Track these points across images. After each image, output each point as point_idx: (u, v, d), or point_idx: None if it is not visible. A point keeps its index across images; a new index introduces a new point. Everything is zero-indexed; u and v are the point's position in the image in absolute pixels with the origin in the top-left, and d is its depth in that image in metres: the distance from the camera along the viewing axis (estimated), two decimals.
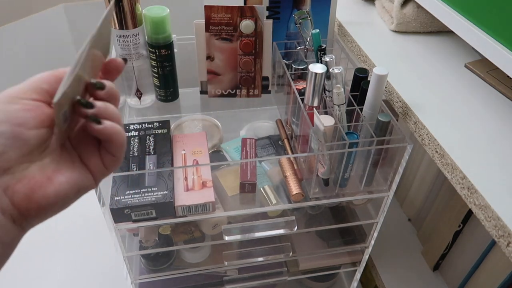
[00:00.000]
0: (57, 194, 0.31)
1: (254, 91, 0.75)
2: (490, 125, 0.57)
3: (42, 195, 0.31)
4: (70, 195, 0.32)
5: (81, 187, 0.33)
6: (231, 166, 0.71)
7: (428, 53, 0.71)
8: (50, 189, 0.31)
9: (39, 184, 0.31)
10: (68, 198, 0.32)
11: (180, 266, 0.78)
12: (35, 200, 0.30)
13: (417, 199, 0.94)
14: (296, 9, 0.71)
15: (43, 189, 0.31)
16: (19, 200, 0.30)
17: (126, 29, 0.65)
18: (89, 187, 0.34)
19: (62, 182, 0.32)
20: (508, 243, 0.44)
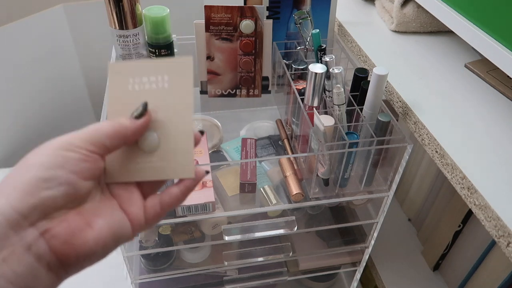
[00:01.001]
0: (97, 241, 0.30)
1: (254, 91, 0.75)
2: (490, 125, 0.57)
3: (82, 241, 0.29)
4: (110, 242, 0.31)
5: (120, 235, 0.32)
6: (231, 166, 0.71)
7: (428, 53, 0.71)
8: (90, 235, 0.30)
9: (79, 228, 0.29)
10: (107, 246, 0.31)
11: (180, 266, 0.78)
12: (75, 246, 0.29)
13: (417, 199, 0.94)
14: (296, 9, 0.71)
15: (83, 234, 0.29)
16: (57, 245, 0.28)
17: (126, 29, 0.65)
18: (127, 237, 0.33)
19: (102, 227, 0.30)
20: (508, 243, 0.44)
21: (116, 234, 0.31)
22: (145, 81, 0.34)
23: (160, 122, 0.33)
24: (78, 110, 1.18)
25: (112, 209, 0.32)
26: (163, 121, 0.33)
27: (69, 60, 1.11)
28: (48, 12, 1.02)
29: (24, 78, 1.03)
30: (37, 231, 0.28)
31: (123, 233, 0.32)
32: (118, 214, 0.32)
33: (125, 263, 0.69)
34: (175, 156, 0.33)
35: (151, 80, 0.34)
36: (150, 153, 0.33)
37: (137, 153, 0.33)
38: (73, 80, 1.14)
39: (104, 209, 0.32)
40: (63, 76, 1.11)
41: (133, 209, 0.33)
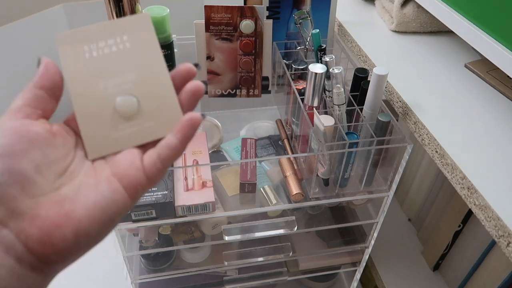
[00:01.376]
0: (77, 233, 0.26)
1: (254, 91, 0.75)
2: (490, 125, 0.57)
3: (60, 237, 0.26)
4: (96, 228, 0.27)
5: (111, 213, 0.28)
6: (231, 166, 0.71)
7: (428, 53, 0.71)
8: (68, 229, 0.26)
9: (54, 224, 0.26)
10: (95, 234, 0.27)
11: (180, 266, 0.78)
12: (52, 244, 0.26)
13: (417, 199, 0.94)
14: (296, 9, 0.71)
15: (59, 229, 0.26)
16: (33, 246, 0.26)
17: None
18: (122, 208, 0.28)
19: (82, 215, 0.27)
20: (508, 243, 0.44)
21: (105, 214, 0.27)
22: (103, 45, 0.31)
23: (133, 83, 0.31)
24: None
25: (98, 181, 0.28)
26: (136, 81, 0.31)
27: None
28: (48, 12, 1.02)
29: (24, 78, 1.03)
30: (12, 232, 0.26)
31: (115, 208, 0.28)
32: (104, 188, 0.28)
33: (125, 263, 0.69)
34: (160, 112, 0.31)
35: (110, 43, 0.31)
36: (131, 117, 0.31)
37: (117, 120, 0.30)
38: None
39: (87, 185, 0.28)
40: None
41: (129, 172, 0.29)
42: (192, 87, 0.31)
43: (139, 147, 0.31)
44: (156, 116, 0.31)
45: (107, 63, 0.31)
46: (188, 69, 0.32)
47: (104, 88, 0.31)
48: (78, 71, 0.31)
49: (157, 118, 0.31)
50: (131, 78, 0.31)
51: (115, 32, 0.32)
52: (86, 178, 0.28)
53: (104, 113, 0.30)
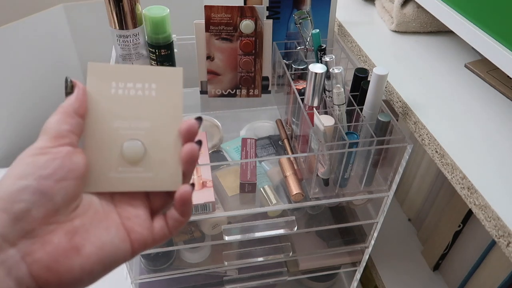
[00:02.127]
0: (83, 268, 0.27)
1: (254, 91, 0.75)
2: (490, 125, 0.57)
3: (67, 268, 0.26)
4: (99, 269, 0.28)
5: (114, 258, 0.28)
6: (231, 166, 0.71)
7: (428, 53, 0.71)
8: (77, 262, 0.27)
9: (64, 253, 0.26)
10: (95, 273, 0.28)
11: (180, 266, 0.78)
12: (58, 273, 0.26)
13: (417, 199, 0.94)
14: (296, 9, 0.71)
15: (68, 260, 0.26)
16: (39, 271, 0.25)
17: (126, 29, 0.65)
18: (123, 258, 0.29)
19: (91, 253, 0.27)
20: (508, 243, 0.44)
21: (108, 258, 0.28)
22: (130, 87, 0.32)
23: (146, 131, 0.31)
24: None
25: (108, 228, 0.29)
26: (150, 130, 0.31)
27: (69, 60, 1.11)
28: (48, 12, 1.02)
29: (24, 78, 1.03)
30: (19, 253, 0.25)
31: (118, 255, 0.29)
32: (114, 233, 0.29)
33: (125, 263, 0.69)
34: (161, 167, 0.31)
35: (137, 87, 0.32)
36: (134, 163, 0.31)
37: (120, 162, 0.31)
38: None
39: (98, 225, 0.28)
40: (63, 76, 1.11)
41: (139, 229, 0.30)
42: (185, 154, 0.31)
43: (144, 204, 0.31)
44: (157, 169, 0.31)
45: (128, 105, 0.31)
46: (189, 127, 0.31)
47: (118, 127, 0.31)
48: (99, 104, 0.31)
49: (158, 171, 0.31)
50: (146, 125, 0.32)
51: (146, 78, 0.32)
52: (96, 218, 0.29)
53: (111, 152, 0.31)
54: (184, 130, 0.31)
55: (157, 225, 0.31)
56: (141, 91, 0.32)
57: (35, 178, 0.26)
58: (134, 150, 0.31)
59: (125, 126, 0.31)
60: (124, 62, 0.68)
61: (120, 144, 0.31)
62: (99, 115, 0.31)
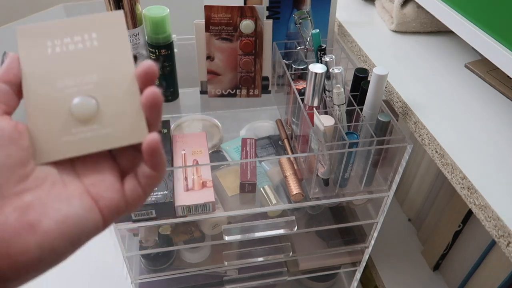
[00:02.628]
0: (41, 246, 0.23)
1: (254, 91, 0.75)
2: (490, 125, 0.57)
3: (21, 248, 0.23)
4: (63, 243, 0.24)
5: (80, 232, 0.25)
6: (231, 166, 0.71)
7: (428, 53, 0.71)
8: (32, 240, 0.23)
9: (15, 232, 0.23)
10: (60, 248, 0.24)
11: (180, 266, 0.78)
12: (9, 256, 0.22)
13: (417, 199, 0.94)
14: (296, 9, 0.71)
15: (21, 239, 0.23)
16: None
17: None
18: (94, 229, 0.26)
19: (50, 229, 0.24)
20: (508, 243, 0.44)
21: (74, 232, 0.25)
22: (68, 42, 0.29)
23: (95, 84, 0.28)
24: None
25: (70, 198, 0.25)
26: (99, 83, 0.28)
27: None
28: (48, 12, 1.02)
29: None
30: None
31: (87, 227, 0.25)
32: (77, 204, 0.25)
33: (125, 263, 0.69)
34: (119, 119, 0.28)
35: (76, 40, 0.29)
36: (87, 121, 0.27)
37: (71, 123, 0.27)
38: None
39: (57, 198, 0.25)
40: None
41: (107, 194, 0.26)
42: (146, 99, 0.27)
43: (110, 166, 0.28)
44: (116, 122, 0.28)
45: (69, 61, 0.28)
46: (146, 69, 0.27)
47: (62, 87, 0.28)
48: (36, 66, 0.28)
49: (117, 125, 0.28)
50: (94, 79, 0.28)
51: (84, 28, 0.29)
52: (55, 190, 0.25)
53: (58, 114, 0.27)
54: (141, 73, 0.28)
55: (128, 187, 0.27)
56: (81, 44, 0.29)
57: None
58: (84, 106, 0.27)
59: (70, 84, 0.28)
60: None
61: (68, 104, 0.27)
62: (38, 78, 0.28)
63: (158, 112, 0.28)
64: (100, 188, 0.27)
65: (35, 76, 0.28)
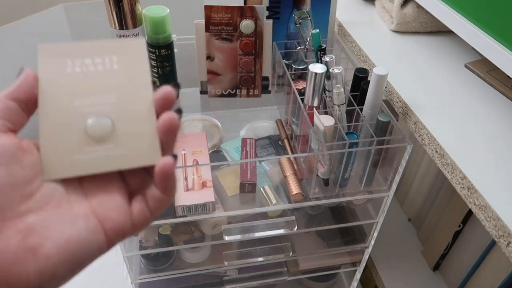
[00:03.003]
0: (41, 273, 0.22)
1: (254, 91, 0.75)
2: (490, 125, 0.57)
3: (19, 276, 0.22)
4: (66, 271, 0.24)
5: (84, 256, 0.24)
6: (231, 166, 0.71)
7: (428, 53, 0.71)
8: (31, 267, 0.22)
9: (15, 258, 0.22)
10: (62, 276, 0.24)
11: (180, 266, 0.78)
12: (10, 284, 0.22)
13: (417, 199, 0.94)
14: (296, 9, 0.71)
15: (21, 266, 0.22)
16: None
17: (126, 29, 0.65)
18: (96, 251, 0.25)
19: (51, 254, 0.23)
20: (508, 243, 0.44)
21: (76, 255, 0.24)
22: (89, 63, 0.29)
23: (112, 105, 0.28)
24: None
25: (74, 220, 0.25)
26: (116, 104, 0.28)
27: None
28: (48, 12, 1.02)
29: None
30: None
31: (89, 250, 0.25)
32: (82, 226, 0.25)
33: (125, 263, 0.69)
34: (134, 141, 0.28)
35: (96, 62, 0.29)
36: (102, 140, 0.28)
37: (85, 142, 0.27)
38: None
39: (59, 221, 0.24)
40: None
41: (113, 216, 0.26)
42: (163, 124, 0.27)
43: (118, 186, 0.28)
44: (130, 144, 0.28)
45: (88, 81, 0.28)
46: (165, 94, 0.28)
47: (78, 105, 0.28)
48: (54, 83, 0.28)
49: (131, 146, 0.28)
50: (111, 99, 0.28)
51: (105, 51, 0.30)
52: (59, 210, 0.25)
53: (72, 132, 0.27)
54: (160, 97, 0.28)
55: (135, 208, 0.27)
56: (101, 65, 0.29)
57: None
58: (100, 126, 0.28)
59: (87, 103, 0.28)
60: None
61: (83, 123, 0.28)
62: (55, 96, 0.28)
63: (173, 137, 0.28)
64: (107, 209, 0.26)
65: (52, 93, 0.28)
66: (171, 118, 0.27)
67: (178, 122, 0.27)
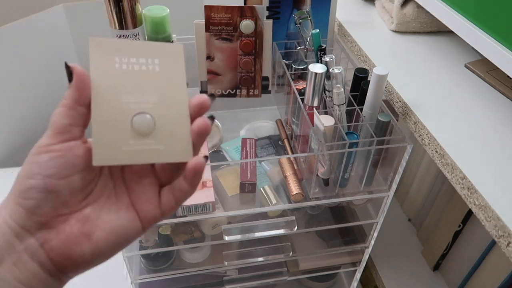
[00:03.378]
0: (94, 252, 0.30)
1: (254, 91, 0.75)
2: (490, 125, 0.57)
3: (79, 253, 0.29)
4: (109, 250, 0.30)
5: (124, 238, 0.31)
6: (231, 166, 0.71)
7: (428, 53, 0.71)
8: (87, 247, 0.29)
9: (76, 240, 0.29)
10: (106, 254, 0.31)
11: (180, 266, 0.78)
12: (71, 258, 0.29)
13: (417, 199, 0.94)
14: (296, 9, 0.71)
15: (80, 246, 0.29)
16: (54, 256, 0.29)
17: (126, 29, 0.65)
18: (135, 236, 0.32)
19: (100, 238, 0.30)
20: (508, 243, 0.44)
21: (119, 239, 0.30)
22: (134, 62, 0.32)
23: (155, 104, 0.32)
24: None
25: (118, 211, 0.31)
26: (157, 104, 0.32)
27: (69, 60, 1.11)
28: (48, 12, 1.02)
29: (24, 78, 1.03)
30: (38, 242, 0.29)
31: (129, 235, 0.31)
32: (123, 216, 0.31)
33: (125, 263, 0.69)
34: (171, 139, 0.31)
35: (141, 62, 0.32)
36: (144, 135, 0.31)
37: (130, 134, 0.31)
38: None
39: (108, 212, 0.31)
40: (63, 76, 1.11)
41: (146, 207, 0.32)
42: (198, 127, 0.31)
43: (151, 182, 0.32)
44: (167, 141, 0.31)
45: (133, 79, 0.32)
46: (201, 102, 0.32)
47: (126, 101, 0.31)
48: (105, 79, 0.31)
49: (167, 143, 0.31)
50: (153, 99, 0.32)
51: (148, 53, 0.33)
52: (107, 203, 0.31)
53: (120, 125, 0.31)
54: (196, 103, 0.32)
55: (164, 199, 0.32)
56: (145, 66, 0.32)
57: (41, 177, 0.28)
58: (144, 123, 0.31)
59: (133, 101, 0.31)
60: None
61: (129, 117, 0.31)
62: (106, 90, 0.31)
63: (203, 139, 0.32)
64: (143, 202, 0.32)
65: (103, 88, 0.31)
66: (205, 123, 0.31)
67: (210, 127, 0.32)
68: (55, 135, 0.29)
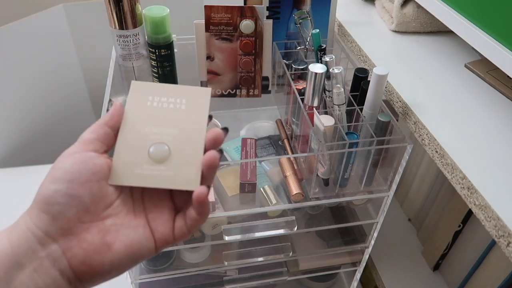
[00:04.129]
0: (112, 263, 0.31)
1: (254, 91, 0.75)
2: (490, 125, 0.57)
3: (99, 262, 0.31)
4: (126, 263, 0.32)
5: (139, 255, 0.32)
6: (231, 166, 0.71)
7: (428, 53, 0.71)
8: (107, 257, 0.31)
9: (97, 249, 0.30)
10: (123, 267, 0.32)
11: (180, 266, 0.78)
12: (91, 266, 0.30)
13: (417, 199, 0.94)
14: (296, 9, 0.71)
15: (100, 255, 0.31)
16: (75, 264, 0.30)
17: (126, 29, 0.65)
18: (148, 254, 0.33)
19: (119, 250, 0.31)
20: (508, 243, 0.44)
21: (135, 254, 0.32)
22: (164, 101, 0.37)
23: (174, 137, 0.35)
24: (78, 110, 1.18)
25: (136, 227, 0.33)
26: (176, 136, 0.35)
27: (69, 60, 1.11)
28: (48, 12, 1.02)
29: (24, 78, 1.03)
30: (60, 248, 0.30)
31: (143, 252, 0.32)
32: (141, 233, 0.33)
33: None
34: (182, 168, 0.35)
35: (170, 101, 0.37)
36: (159, 162, 0.34)
37: (146, 160, 0.34)
38: (73, 80, 1.14)
39: (127, 226, 0.32)
40: (63, 76, 1.11)
41: (162, 229, 0.33)
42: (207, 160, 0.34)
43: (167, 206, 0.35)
44: (178, 170, 0.35)
45: (160, 114, 0.36)
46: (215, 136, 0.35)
47: (149, 132, 0.35)
48: (136, 112, 0.36)
49: (178, 171, 0.35)
50: (173, 132, 0.36)
51: (178, 94, 0.37)
52: (127, 218, 0.33)
53: (138, 151, 0.35)
54: (211, 137, 0.35)
55: (177, 224, 0.34)
56: (173, 104, 0.37)
57: (64, 182, 0.30)
58: (160, 151, 0.35)
59: (155, 132, 0.35)
60: (124, 62, 0.68)
61: (148, 146, 0.35)
62: (133, 121, 0.35)
63: (213, 172, 0.35)
64: (158, 223, 0.34)
65: (132, 119, 0.36)
66: (214, 157, 0.34)
67: (218, 161, 0.34)
68: (80, 145, 0.32)
